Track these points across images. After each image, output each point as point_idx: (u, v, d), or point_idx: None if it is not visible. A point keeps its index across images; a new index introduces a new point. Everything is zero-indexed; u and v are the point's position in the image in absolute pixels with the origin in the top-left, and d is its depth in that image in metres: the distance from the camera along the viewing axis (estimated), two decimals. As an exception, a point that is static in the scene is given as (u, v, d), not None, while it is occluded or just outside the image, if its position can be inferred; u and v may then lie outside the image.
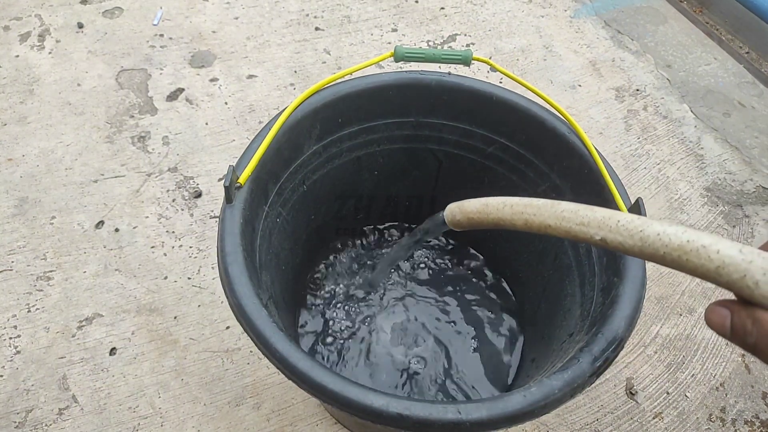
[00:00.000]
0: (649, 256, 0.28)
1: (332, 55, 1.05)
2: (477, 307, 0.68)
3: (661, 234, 0.27)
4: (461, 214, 0.42)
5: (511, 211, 0.37)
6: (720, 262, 0.25)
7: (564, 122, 0.53)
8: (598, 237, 0.30)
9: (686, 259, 0.26)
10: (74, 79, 0.97)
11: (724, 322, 0.26)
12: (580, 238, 0.32)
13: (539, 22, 1.17)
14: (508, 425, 0.36)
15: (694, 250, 0.26)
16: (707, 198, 0.91)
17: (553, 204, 0.34)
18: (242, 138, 0.91)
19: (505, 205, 0.37)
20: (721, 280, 0.25)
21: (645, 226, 0.28)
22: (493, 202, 0.39)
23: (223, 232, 0.43)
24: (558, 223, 0.33)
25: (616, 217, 0.30)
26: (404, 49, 0.51)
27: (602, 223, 0.30)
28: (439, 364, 0.63)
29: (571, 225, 0.32)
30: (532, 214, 0.35)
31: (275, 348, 0.37)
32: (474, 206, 0.41)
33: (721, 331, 0.26)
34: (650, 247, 0.28)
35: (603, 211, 0.31)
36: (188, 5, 1.12)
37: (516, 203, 0.36)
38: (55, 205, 0.81)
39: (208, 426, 0.64)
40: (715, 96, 1.06)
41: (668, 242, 0.27)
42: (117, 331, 0.70)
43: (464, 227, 0.43)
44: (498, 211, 0.38)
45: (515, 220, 0.36)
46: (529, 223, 0.35)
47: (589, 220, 0.31)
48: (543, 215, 0.34)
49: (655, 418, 0.68)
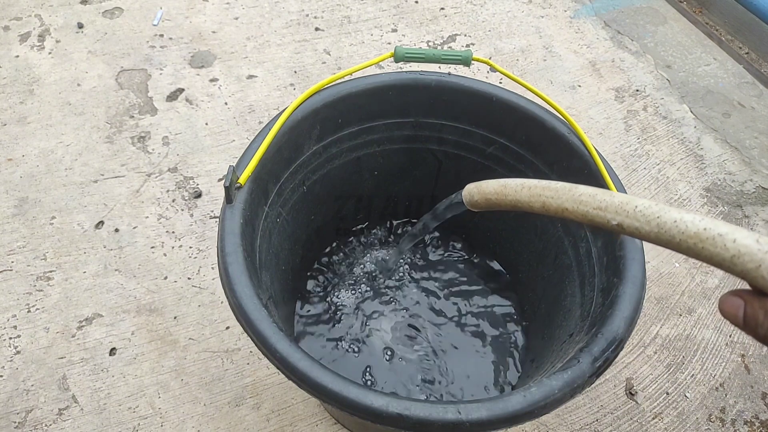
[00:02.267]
0: (664, 243, 0.28)
1: (332, 56, 1.05)
2: (477, 306, 0.68)
3: (678, 221, 0.27)
4: (479, 194, 0.42)
5: (529, 193, 0.36)
6: (736, 251, 0.25)
7: (564, 122, 0.53)
8: (615, 222, 0.30)
9: (702, 247, 0.26)
10: (74, 80, 0.97)
11: (737, 312, 0.26)
12: (596, 222, 0.32)
13: (539, 23, 1.17)
14: (508, 425, 0.36)
15: (710, 238, 0.26)
16: (707, 198, 0.91)
17: (572, 187, 0.34)
18: (242, 138, 0.91)
19: (523, 187, 0.37)
20: (736, 270, 0.25)
21: (662, 212, 0.28)
22: (512, 184, 0.38)
23: (223, 232, 0.43)
24: (575, 207, 0.33)
25: (633, 202, 0.30)
26: (404, 50, 0.51)
27: (620, 208, 0.30)
28: (439, 363, 0.63)
29: (588, 209, 0.32)
30: (550, 197, 0.35)
31: (275, 348, 0.38)
32: (492, 187, 0.40)
33: (734, 320, 0.26)
34: (666, 233, 0.28)
35: (621, 196, 0.31)
36: (188, 5, 1.12)
37: (534, 185, 0.36)
38: (55, 205, 0.81)
39: (208, 426, 0.64)
40: (714, 96, 1.06)
41: (684, 229, 0.27)
42: (117, 332, 0.70)
43: (481, 208, 0.43)
44: (516, 192, 0.38)
45: (533, 202, 0.36)
46: (547, 206, 0.35)
47: (606, 204, 0.31)
48: (561, 198, 0.34)
49: (654, 418, 0.68)
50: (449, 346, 0.64)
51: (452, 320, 0.66)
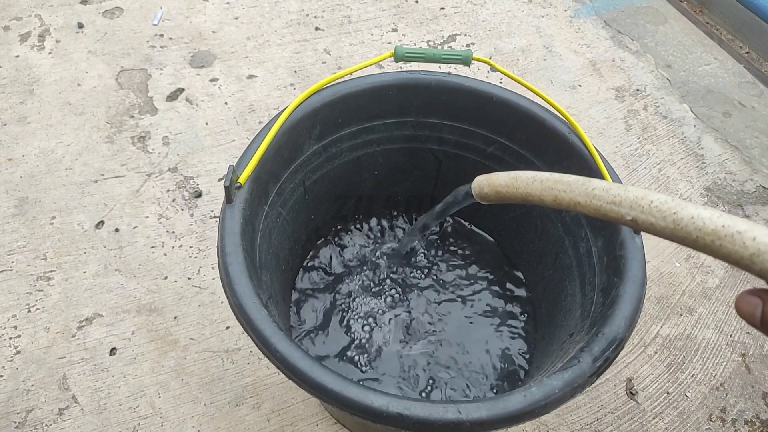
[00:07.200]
0: (680, 239, 0.27)
1: (332, 55, 1.05)
2: (477, 307, 0.68)
3: (696, 217, 0.26)
4: (489, 187, 0.41)
5: (540, 187, 0.35)
6: (755, 249, 0.24)
7: (564, 122, 0.53)
8: (629, 217, 0.30)
9: (720, 244, 0.25)
10: (74, 79, 0.97)
11: (755, 311, 0.25)
12: (610, 216, 0.31)
13: (539, 22, 1.17)
14: (509, 425, 0.36)
15: (728, 235, 0.25)
16: (707, 198, 0.91)
17: (585, 181, 0.33)
18: (242, 138, 0.91)
19: (534, 180, 0.36)
20: (755, 268, 0.24)
21: (679, 208, 0.27)
22: (523, 176, 0.37)
23: (223, 232, 0.43)
24: (588, 201, 0.32)
25: (649, 197, 0.29)
26: (404, 49, 0.51)
27: (634, 203, 0.29)
28: (440, 363, 0.63)
29: (601, 203, 0.31)
30: (562, 191, 0.34)
31: (275, 348, 0.38)
32: (503, 180, 0.39)
33: (751, 320, 0.26)
34: (683, 230, 0.27)
35: (636, 190, 0.30)
36: (188, 5, 1.12)
37: (546, 178, 0.35)
38: (55, 205, 0.81)
39: (208, 426, 0.64)
40: (715, 96, 1.06)
41: (702, 226, 0.26)
42: (117, 331, 0.70)
43: (491, 201, 0.42)
44: (527, 185, 0.37)
45: (544, 195, 0.35)
46: (559, 199, 0.34)
47: (621, 199, 0.30)
48: (573, 192, 0.33)
49: (655, 418, 0.68)
50: (449, 346, 0.64)
51: (452, 319, 0.66)
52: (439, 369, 0.62)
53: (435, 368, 0.62)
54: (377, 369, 0.62)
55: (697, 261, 0.83)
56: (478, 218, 0.71)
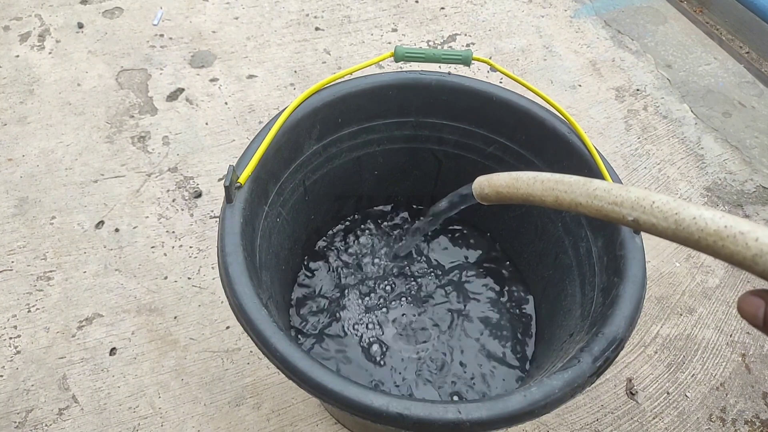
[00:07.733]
0: (682, 240, 0.27)
1: (332, 55, 1.05)
2: (477, 307, 0.68)
3: (698, 218, 0.26)
4: (490, 187, 0.41)
5: (541, 187, 0.35)
6: (758, 250, 0.24)
7: (564, 122, 0.53)
8: (631, 218, 0.29)
9: (722, 245, 0.25)
10: (74, 79, 0.97)
11: (757, 312, 0.25)
12: (611, 217, 0.31)
13: (539, 22, 1.17)
14: (509, 425, 0.36)
15: (731, 236, 0.25)
16: (707, 198, 0.91)
17: (586, 182, 0.33)
18: (242, 138, 0.91)
19: (536, 181, 0.36)
20: (757, 269, 0.24)
21: (681, 208, 0.27)
22: (524, 177, 0.37)
23: (223, 232, 0.43)
24: (590, 202, 0.32)
25: (651, 198, 0.29)
26: (404, 49, 0.51)
27: (636, 204, 0.29)
28: (440, 362, 0.63)
29: (603, 204, 0.31)
30: (564, 191, 0.34)
31: (275, 348, 0.38)
32: (504, 180, 0.39)
33: (753, 321, 0.26)
34: (685, 230, 0.27)
35: (637, 191, 0.30)
36: (188, 5, 1.12)
37: (547, 179, 0.35)
38: (55, 205, 0.81)
39: (208, 426, 0.64)
40: (715, 96, 1.06)
41: (704, 227, 0.26)
42: (117, 331, 0.70)
43: (492, 201, 0.42)
44: (528, 186, 0.36)
45: (545, 196, 0.35)
46: (560, 200, 0.34)
47: (622, 199, 0.30)
48: (575, 193, 0.33)
49: (655, 418, 0.68)
50: (449, 344, 0.64)
51: (452, 318, 0.66)
52: (439, 369, 0.62)
53: (435, 368, 0.62)
54: (377, 369, 0.62)
55: (697, 261, 0.83)
56: (478, 218, 0.71)
